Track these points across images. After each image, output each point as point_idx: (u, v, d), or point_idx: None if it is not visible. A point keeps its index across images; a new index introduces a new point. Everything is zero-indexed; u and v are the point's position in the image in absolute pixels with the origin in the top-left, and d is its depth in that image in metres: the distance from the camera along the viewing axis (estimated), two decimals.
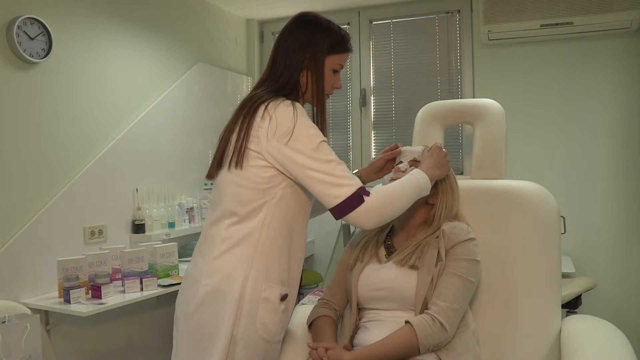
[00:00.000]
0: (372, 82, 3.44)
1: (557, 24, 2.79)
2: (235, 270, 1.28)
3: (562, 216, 1.67)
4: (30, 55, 2.11)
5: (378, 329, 1.36)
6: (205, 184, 3.04)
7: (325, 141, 1.29)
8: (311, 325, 1.51)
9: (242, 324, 1.27)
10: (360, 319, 1.46)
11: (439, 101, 1.90)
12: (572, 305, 2.35)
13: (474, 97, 3.14)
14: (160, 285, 2.22)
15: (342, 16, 3.42)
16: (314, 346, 1.31)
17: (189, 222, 2.88)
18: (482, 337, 1.47)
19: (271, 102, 1.30)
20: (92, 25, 2.42)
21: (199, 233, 1.42)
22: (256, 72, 3.65)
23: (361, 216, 1.24)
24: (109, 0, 2.51)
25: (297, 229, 1.36)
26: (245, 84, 3.56)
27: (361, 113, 3.45)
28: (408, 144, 1.65)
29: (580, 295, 2.35)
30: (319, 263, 3.49)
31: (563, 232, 1.70)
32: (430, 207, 1.49)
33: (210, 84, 3.19)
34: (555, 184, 2.60)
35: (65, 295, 2.01)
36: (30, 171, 2.14)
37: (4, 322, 1.76)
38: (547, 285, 1.52)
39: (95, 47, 2.43)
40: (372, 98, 3.45)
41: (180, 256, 2.54)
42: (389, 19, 3.39)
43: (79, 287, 2.02)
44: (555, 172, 2.95)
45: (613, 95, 2.87)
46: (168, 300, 2.23)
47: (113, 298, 2.07)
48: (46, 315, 2.09)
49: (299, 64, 1.36)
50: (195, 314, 1.31)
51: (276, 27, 3.69)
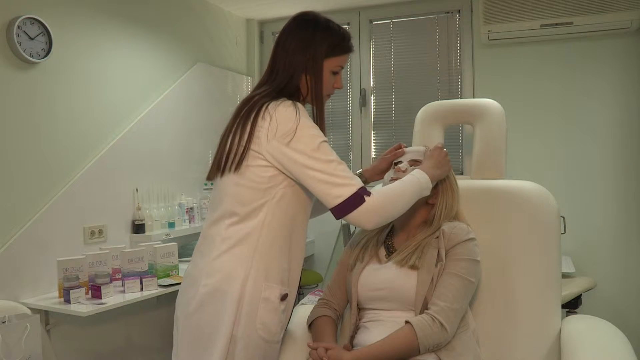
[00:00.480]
0: (372, 82, 3.44)
1: (557, 24, 2.79)
2: (235, 270, 1.28)
3: (562, 216, 1.67)
4: (30, 55, 2.11)
5: (378, 329, 1.36)
6: (205, 184, 3.04)
7: (326, 141, 1.29)
8: (311, 325, 1.51)
9: (242, 324, 1.27)
10: (360, 319, 1.46)
11: (439, 101, 1.90)
12: (572, 305, 2.35)
13: (474, 97, 3.13)
14: (160, 285, 2.22)
15: (342, 16, 3.42)
16: (314, 346, 1.31)
17: (189, 222, 2.88)
18: (482, 337, 1.47)
19: (271, 102, 1.30)
20: (92, 25, 2.42)
21: (199, 233, 1.42)
22: (256, 72, 3.65)
23: (362, 216, 1.24)
24: (109, 0, 2.51)
25: (298, 229, 1.36)
26: (245, 84, 3.56)
27: (361, 113, 3.45)
28: (408, 144, 1.65)
29: (580, 295, 2.35)
30: (319, 263, 3.49)
31: (563, 232, 1.70)
32: (430, 207, 1.49)
33: (210, 84, 3.19)
34: (555, 184, 2.60)
35: (65, 295, 2.01)
36: (30, 171, 2.14)
37: (4, 322, 1.75)
38: (547, 285, 1.52)
39: (95, 47, 2.43)
40: (372, 98, 3.45)
41: (180, 256, 2.54)
42: (389, 19, 3.39)
43: (79, 287, 2.02)
44: (555, 172, 2.95)
45: (613, 95, 2.87)
46: (168, 300, 2.22)
47: (113, 298, 2.07)
48: (46, 315, 2.09)
49: (297, 67, 1.35)
50: (195, 313, 1.31)
51: (276, 27, 3.69)
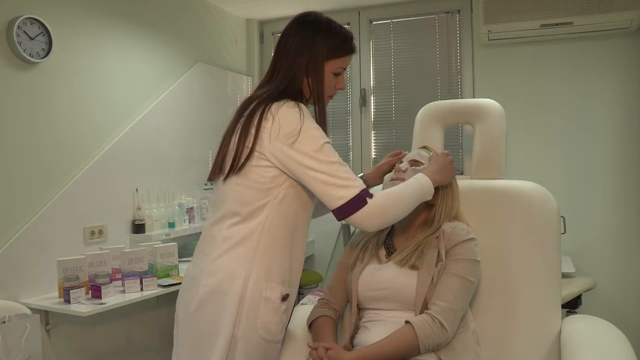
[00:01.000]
0: (372, 82, 3.44)
1: (557, 24, 2.78)
2: (236, 270, 1.28)
3: (562, 216, 1.67)
4: (30, 55, 2.11)
5: (378, 329, 1.36)
6: (205, 184, 3.04)
7: (329, 142, 1.29)
8: (311, 325, 1.51)
9: (242, 324, 1.27)
10: (360, 319, 1.46)
11: (439, 101, 1.90)
12: (572, 305, 2.35)
13: (474, 97, 3.13)
14: (160, 285, 2.22)
15: (342, 16, 3.42)
16: (314, 346, 1.31)
17: (189, 222, 2.88)
18: (482, 337, 1.47)
19: (274, 103, 1.30)
20: (92, 25, 2.42)
21: (199, 233, 1.42)
22: (256, 72, 3.65)
23: (363, 218, 1.24)
24: (109, 0, 2.51)
25: (299, 229, 1.36)
26: (245, 84, 3.56)
27: (361, 113, 3.45)
28: (408, 144, 1.65)
29: (580, 295, 2.35)
30: (319, 263, 3.48)
31: (563, 232, 1.69)
32: (431, 207, 1.49)
33: (210, 84, 3.19)
34: (555, 184, 2.60)
35: (65, 295, 2.01)
36: (30, 171, 2.14)
37: (4, 322, 1.75)
38: (547, 285, 1.52)
39: (95, 47, 2.43)
40: (372, 98, 3.44)
41: (180, 256, 2.54)
42: (389, 19, 3.39)
43: (79, 287, 2.02)
44: (555, 172, 2.95)
45: (613, 95, 2.86)
46: (168, 300, 2.22)
47: (113, 298, 2.07)
48: (46, 315, 2.09)
49: (298, 70, 1.35)
50: (195, 313, 1.31)
51: (276, 27, 3.69)
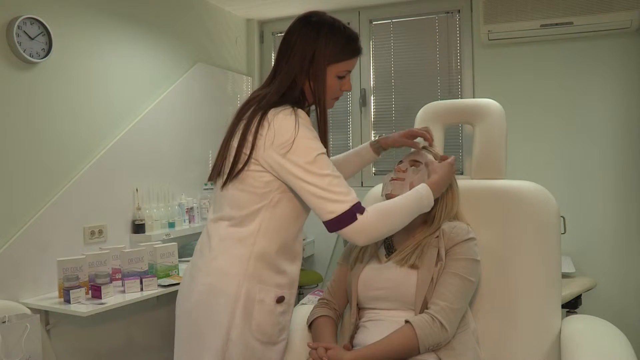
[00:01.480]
0: (372, 82, 3.44)
1: (557, 24, 2.79)
2: (232, 272, 1.29)
3: (562, 216, 1.67)
4: (30, 55, 2.11)
5: (378, 329, 1.36)
6: (205, 184, 3.04)
7: (323, 154, 1.26)
8: (311, 325, 1.51)
9: (237, 326, 1.27)
10: (360, 319, 1.46)
11: (439, 101, 1.90)
12: (572, 305, 2.35)
13: (474, 97, 3.13)
14: (160, 285, 2.22)
15: (342, 16, 3.33)
16: (314, 346, 1.32)
17: (189, 222, 2.88)
18: (482, 337, 1.47)
19: (271, 109, 1.28)
20: (92, 25, 2.42)
21: (199, 233, 1.43)
22: (256, 72, 3.65)
23: (353, 234, 1.23)
24: (109, 0, 2.51)
25: (294, 232, 1.36)
26: (245, 84, 3.56)
27: (361, 113, 3.45)
28: None
29: (580, 295, 2.35)
30: (319, 263, 3.48)
31: (563, 232, 1.69)
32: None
33: (210, 84, 3.19)
34: (555, 184, 2.60)
35: (65, 295, 2.01)
36: (30, 171, 2.13)
37: (4, 322, 1.76)
38: (547, 285, 1.52)
39: (95, 47, 2.43)
40: (372, 98, 3.44)
41: (180, 256, 2.54)
42: (389, 19, 3.39)
43: (79, 287, 2.02)
44: (555, 172, 2.95)
45: (613, 95, 2.86)
46: (168, 300, 2.23)
47: (113, 298, 2.07)
48: (46, 315, 2.08)
49: (300, 73, 1.32)
50: (192, 312, 1.32)
51: (276, 27, 3.69)
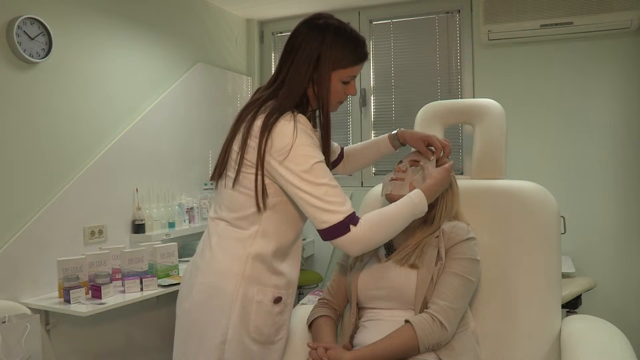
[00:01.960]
0: (372, 82, 3.44)
1: (557, 24, 2.79)
2: (230, 272, 1.29)
3: (562, 216, 1.67)
4: (30, 55, 2.11)
5: (378, 328, 1.36)
6: (205, 184, 3.04)
7: (321, 162, 1.25)
8: (311, 325, 1.51)
9: (235, 326, 1.28)
10: (360, 319, 1.46)
11: (439, 101, 1.90)
12: (572, 305, 2.35)
13: (474, 97, 3.13)
14: (160, 285, 2.21)
15: (342, 16, 3.29)
16: (314, 346, 1.32)
17: (189, 222, 2.88)
18: (482, 337, 1.47)
19: (272, 114, 1.27)
20: (92, 25, 2.42)
21: (199, 233, 1.43)
22: (256, 72, 3.65)
23: (345, 244, 1.24)
24: (109, 0, 2.51)
25: (292, 235, 1.37)
26: (245, 84, 3.56)
27: (361, 113, 3.45)
28: None
29: (580, 295, 2.35)
30: (319, 263, 3.48)
31: (563, 232, 1.69)
32: (431, 207, 1.48)
33: (210, 84, 3.19)
34: (555, 184, 2.60)
35: (65, 295, 2.01)
36: (30, 171, 2.13)
37: (4, 322, 1.75)
38: (547, 285, 1.52)
39: (95, 47, 2.43)
40: (372, 98, 3.44)
41: (180, 256, 2.54)
42: (389, 19, 3.39)
43: (79, 287, 2.02)
44: (555, 172, 2.95)
45: (613, 95, 2.86)
46: (168, 300, 2.22)
47: (113, 298, 2.07)
48: (46, 315, 2.08)
49: (304, 78, 1.31)
50: (190, 311, 1.32)
51: (276, 27, 3.69)
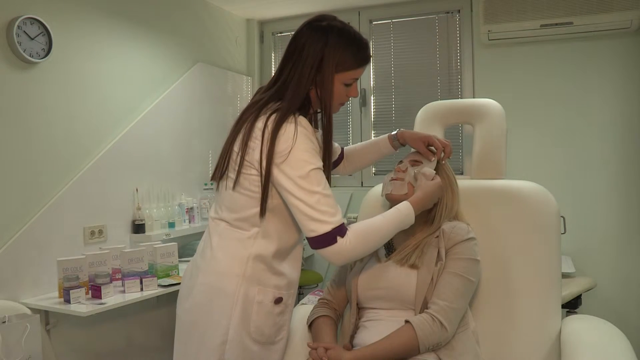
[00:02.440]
0: (372, 82, 3.44)
1: (557, 24, 2.79)
2: (231, 272, 1.29)
3: (562, 216, 1.67)
4: (30, 55, 2.10)
5: (378, 329, 1.36)
6: (205, 184, 3.04)
7: (318, 169, 1.25)
8: (311, 325, 1.51)
9: (235, 326, 1.28)
10: (360, 319, 1.46)
11: (439, 101, 1.90)
12: (572, 305, 2.35)
13: (474, 97, 3.13)
14: (160, 285, 2.21)
15: (342, 16, 3.30)
16: (314, 346, 1.32)
17: (189, 222, 2.87)
18: (482, 337, 1.47)
19: (273, 116, 1.26)
20: (92, 25, 2.42)
21: (199, 233, 1.43)
22: (256, 72, 3.65)
23: (330, 255, 1.24)
24: (109, 0, 2.51)
25: (292, 236, 1.36)
26: (245, 84, 3.56)
27: (361, 113, 3.45)
28: None
29: (580, 295, 2.35)
30: (319, 263, 3.48)
31: (563, 232, 1.69)
32: (431, 207, 1.49)
33: (210, 84, 3.19)
34: (555, 184, 2.60)
35: (65, 295, 2.01)
36: (30, 171, 2.13)
37: (4, 322, 1.76)
38: (547, 285, 1.52)
39: (95, 47, 2.43)
40: (372, 98, 3.44)
41: (180, 256, 2.54)
42: (389, 19, 3.39)
43: (79, 287, 2.02)
44: (555, 172, 2.94)
45: (613, 95, 2.86)
46: (168, 300, 2.23)
47: (113, 298, 2.07)
48: (46, 315, 2.08)
49: (307, 81, 1.30)
50: (191, 312, 1.32)
51: (276, 27, 3.69)
